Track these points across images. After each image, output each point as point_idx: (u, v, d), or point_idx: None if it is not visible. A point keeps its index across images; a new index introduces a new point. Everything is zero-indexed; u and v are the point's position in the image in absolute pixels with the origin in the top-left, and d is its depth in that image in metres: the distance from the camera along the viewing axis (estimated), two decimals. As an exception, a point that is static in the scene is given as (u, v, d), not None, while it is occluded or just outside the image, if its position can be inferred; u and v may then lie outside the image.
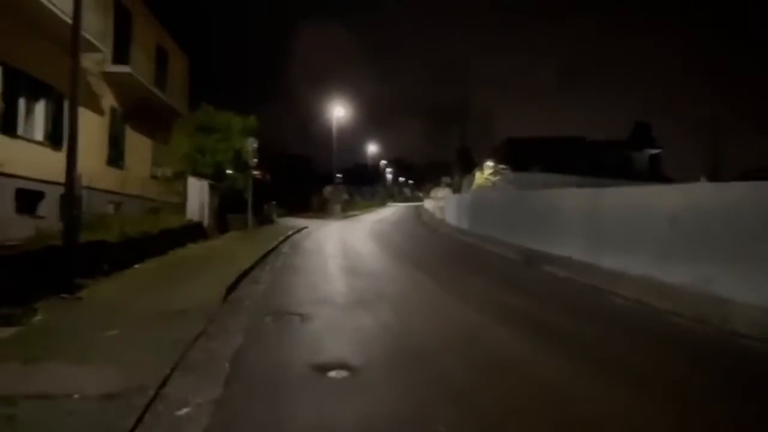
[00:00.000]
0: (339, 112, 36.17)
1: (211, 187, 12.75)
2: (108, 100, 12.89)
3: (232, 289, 6.48)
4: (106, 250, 6.72)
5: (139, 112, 14.73)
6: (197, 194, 11.85)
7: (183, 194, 12.68)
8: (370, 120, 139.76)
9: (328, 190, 42.90)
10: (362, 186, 76.48)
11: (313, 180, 44.62)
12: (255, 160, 16.19)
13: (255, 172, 36.85)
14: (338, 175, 53.64)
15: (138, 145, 14.98)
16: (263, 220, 20.28)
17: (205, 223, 11.89)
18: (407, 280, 8.20)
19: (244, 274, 7.65)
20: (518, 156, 38.27)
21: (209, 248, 10.37)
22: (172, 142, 15.17)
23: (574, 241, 10.07)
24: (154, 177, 15.79)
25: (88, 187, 11.96)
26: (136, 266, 7.56)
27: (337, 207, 37.45)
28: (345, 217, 32.74)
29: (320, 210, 37.55)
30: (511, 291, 7.33)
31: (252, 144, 16.13)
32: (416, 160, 75.32)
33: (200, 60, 21.87)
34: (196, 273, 7.29)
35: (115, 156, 13.40)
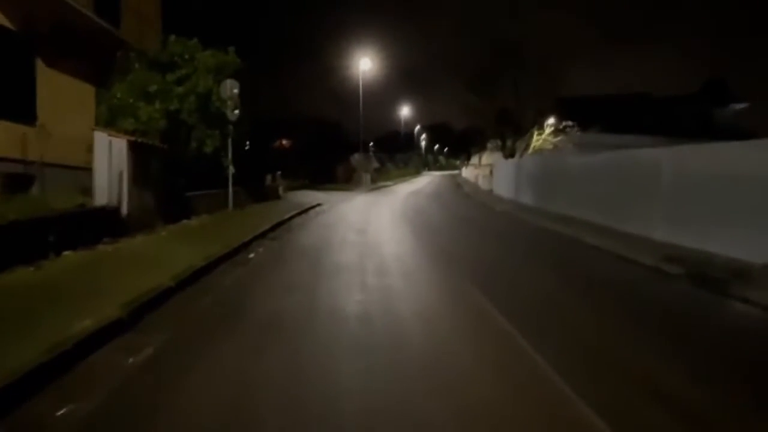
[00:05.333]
0: (366, 65, 31.03)
1: (137, 149, 7.60)
2: (-14, 15, 8.19)
3: None
4: None
5: (63, 45, 10.01)
6: (106, 159, 6.97)
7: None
8: (408, 88, 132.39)
9: (356, 157, 37.91)
10: (395, 154, 71.49)
11: (344, 148, 39.90)
12: (236, 111, 11.26)
13: (284, 141, 32.27)
14: (371, 144, 48.70)
15: (66, 92, 10.33)
16: (264, 195, 15.57)
17: (124, 208, 7.00)
18: (500, 368, 3.17)
19: (57, 364, 2.87)
20: (570, 117, 32.55)
21: (95, 260, 5.46)
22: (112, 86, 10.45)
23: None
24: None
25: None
26: None
27: (366, 177, 32.69)
28: (374, 189, 27.78)
29: (347, 180, 32.93)
30: None
31: (231, 88, 11.18)
32: (456, 126, 68.76)
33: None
34: None
35: (14, 105, 8.81)
